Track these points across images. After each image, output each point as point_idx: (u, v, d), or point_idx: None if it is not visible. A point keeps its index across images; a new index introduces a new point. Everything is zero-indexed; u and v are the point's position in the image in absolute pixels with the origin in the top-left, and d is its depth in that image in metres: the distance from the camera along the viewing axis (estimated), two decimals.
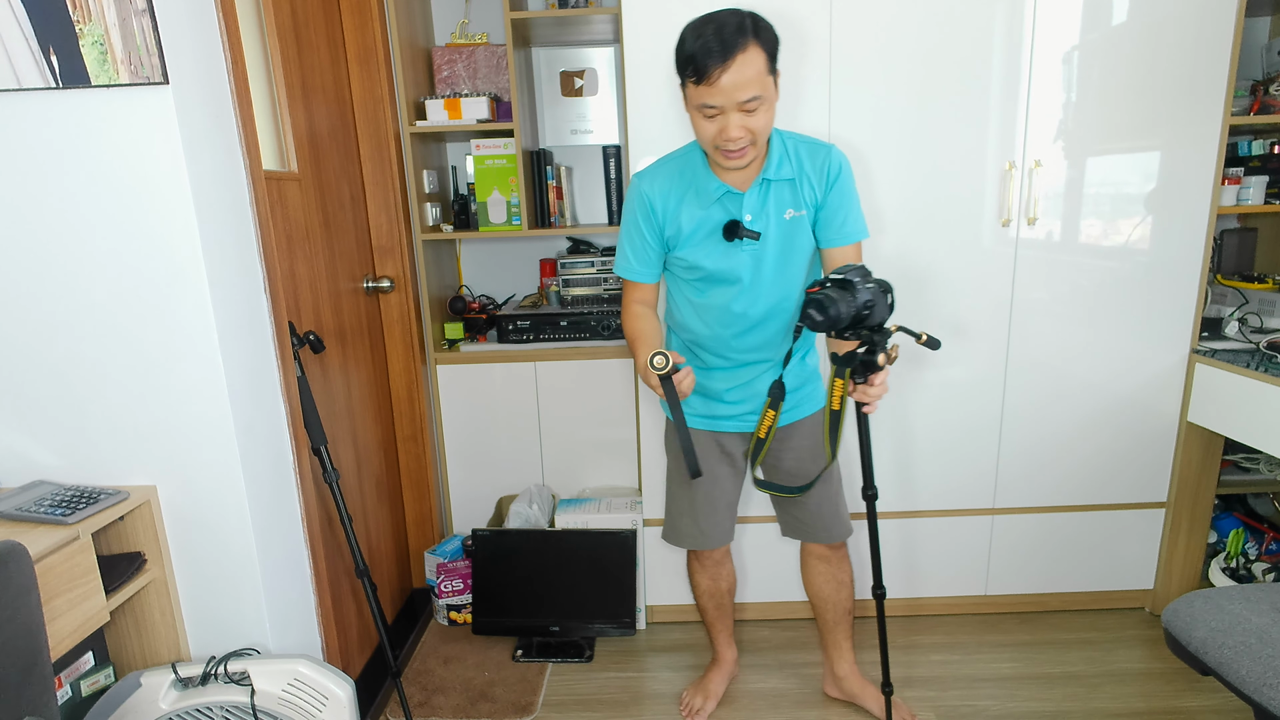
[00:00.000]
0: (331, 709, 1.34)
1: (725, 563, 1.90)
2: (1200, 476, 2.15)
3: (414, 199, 2.27)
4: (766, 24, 1.37)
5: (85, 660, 1.35)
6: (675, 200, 1.54)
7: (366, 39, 2.11)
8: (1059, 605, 2.31)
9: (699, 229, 1.54)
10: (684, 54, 1.37)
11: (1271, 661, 1.20)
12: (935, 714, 1.91)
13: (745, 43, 1.32)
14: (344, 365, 2.03)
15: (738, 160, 1.43)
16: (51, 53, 1.18)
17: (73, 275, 1.27)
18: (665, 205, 1.55)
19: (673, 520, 1.84)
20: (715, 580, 1.90)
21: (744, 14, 1.36)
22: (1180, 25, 1.88)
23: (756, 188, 1.51)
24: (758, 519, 2.21)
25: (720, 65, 1.32)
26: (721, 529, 1.81)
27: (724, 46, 1.32)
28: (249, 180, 1.43)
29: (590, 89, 2.50)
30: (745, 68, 1.33)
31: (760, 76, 1.35)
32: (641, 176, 1.58)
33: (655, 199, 1.55)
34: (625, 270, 1.63)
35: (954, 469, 2.17)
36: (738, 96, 1.34)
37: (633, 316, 1.61)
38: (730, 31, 1.32)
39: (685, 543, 1.82)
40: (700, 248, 1.55)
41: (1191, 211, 1.99)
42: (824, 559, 1.84)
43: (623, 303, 1.66)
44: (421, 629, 2.34)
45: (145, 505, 1.33)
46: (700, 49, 1.33)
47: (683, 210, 1.54)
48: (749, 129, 1.38)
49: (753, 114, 1.37)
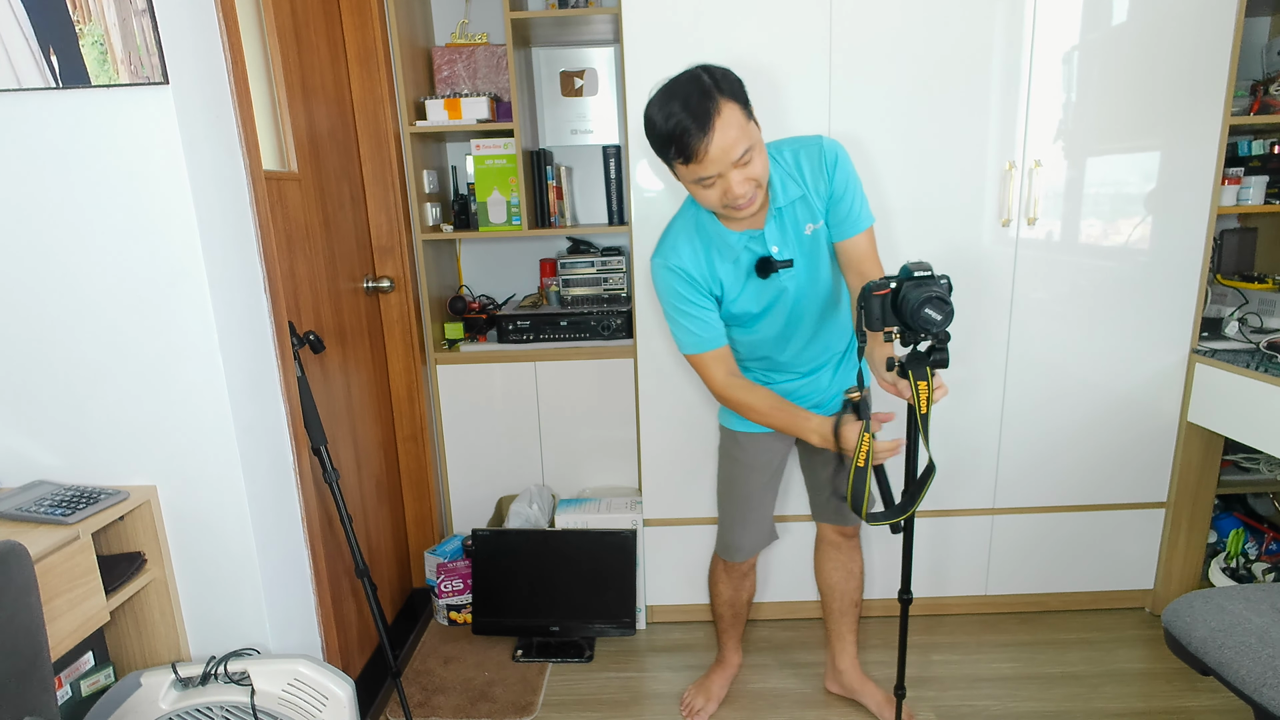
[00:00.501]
0: (331, 709, 1.34)
1: (751, 575, 1.91)
2: (1200, 476, 2.15)
3: (414, 199, 2.27)
4: (724, 72, 1.33)
5: (85, 660, 1.35)
6: (706, 263, 1.50)
7: (366, 39, 2.11)
8: (1059, 605, 2.31)
9: (736, 281, 1.51)
10: (659, 137, 1.32)
11: (1271, 661, 1.20)
12: (935, 714, 1.91)
13: (717, 105, 1.27)
14: (344, 365, 2.03)
15: (749, 210, 1.39)
16: (51, 53, 1.18)
17: (73, 275, 1.27)
18: (701, 271, 1.50)
19: (725, 535, 1.83)
20: (738, 591, 1.91)
21: (698, 75, 1.31)
22: (1180, 25, 1.88)
23: (773, 219, 1.46)
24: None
25: (703, 139, 1.27)
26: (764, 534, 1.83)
27: (698, 118, 1.27)
28: (249, 180, 1.43)
29: (590, 89, 2.50)
30: (727, 129, 1.28)
31: (743, 128, 1.30)
32: (663, 255, 1.51)
33: (690, 269, 1.49)
34: (696, 345, 1.52)
35: (954, 469, 2.17)
36: (730, 158, 1.30)
37: (745, 390, 1.53)
38: (697, 100, 1.27)
39: (738, 556, 1.82)
40: (745, 296, 1.52)
41: (1191, 211, 1.99)
42: (835, 546, 1.85)
43: (713, 385, 1.55)
44: (421, 629, 2.34)
45: (145, 505, 1.33)
46: (675, 128, 1.28)
47: (718, 270, 1.50)
48: (750, 179, 1.34)
49: (749, 164, 1.33)
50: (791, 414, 1.51)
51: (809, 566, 2.27)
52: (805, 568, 2.28)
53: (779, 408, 1.52)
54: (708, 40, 1.91)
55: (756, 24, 1.89)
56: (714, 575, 1.93)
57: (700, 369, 1.56)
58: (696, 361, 1.55)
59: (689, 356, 1.56)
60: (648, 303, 2.10)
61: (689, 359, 1.56)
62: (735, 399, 1.55)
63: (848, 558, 1.86)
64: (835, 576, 1.88)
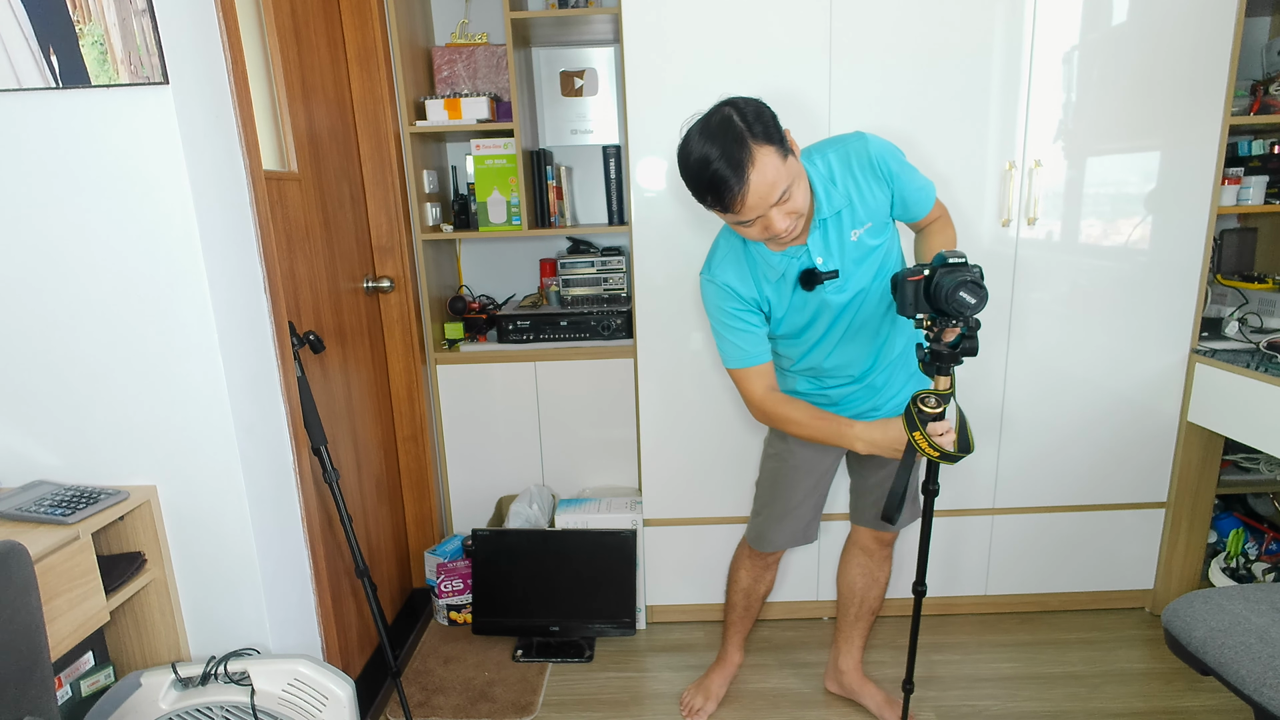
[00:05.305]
0: (331, 709, 1.34)
1: (773, 568, 1.89)
2: (1200, 476, 2.15)
3: (414, 199, 2.27)
4: (756, 110, 1.27)
5: (85, 660, 1.35)
6: (752, 283, 1.48)
7: (366, 39, 2.11)
8: (1059, 605, 2.31)
9: (782, 297, 1.49)
10: (695, 184, 1.29)
11: (1271, 661, 1.20)
12: (935, 714, 1.91)
13: (750, 154, 1.23)
14: (344, 365, 2.03)
15: (792, 238, 1.37)
16: (51, 53, 1.18)
17: (73, 275, 1.27)
18: (748, 289, 1.49)
19: (759, 525, 1.81)
20: (757, 582, 1.89)
21: (730, 118, 1.26)
22: (1180, 25, 1.88)
23: (816, 230, 1.42)
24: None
25: (740, 190, 1.24)
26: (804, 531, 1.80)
27: (734, 169, 1.23)
28: (249, 180, 1.43)
29: (590, 89, 2.50)
30: (764, 176, 1.24)
31: (779, 170, 1.26)
32: (710, 270, 1.50)
33: (737, 286, 1.47)
34: (740, 360, 1.51)
35: (954, 468, 2.17)
36: (768, 202, 1.27)
37: (784, 404, 1.51)
38: (732, 149, 1.23)
39: (767, 547, 1.80)
40: (791, 312, 1.51)
41: (1191, 211, 1.99)
42: (868, 552, 1.83)
43: (751, 400, 1.54)
44: (421, 629, 2.34)
45: (145, 505, 1.33)
46: (710, 181, 1.25)
47: (765, 289, 1.49)
48: (791, 214, 1.31)
49: (789, 200, 1.29)
50: (834, 424, 1.47)
51: (813, 566, 2.28)
52: (808, 568, 2.28)
53: (819, 417, 1.48)
54: (707, 41, 1.91)
55: (756, 24, 1.89)
56: (737, 560, 1.91)
57: (741, 383, 1.55)
58: (738, 376, 1.54)
59: (731, 371, 1.55)
60: (648, 303, 2.10)
61: (731, 373, 1.56)
62: (775, 413, 1.53)
63: (877, 565, 1.84)
64: (859, 582, 1.87)
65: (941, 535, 2.24)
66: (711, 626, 2.30)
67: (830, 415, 1.49)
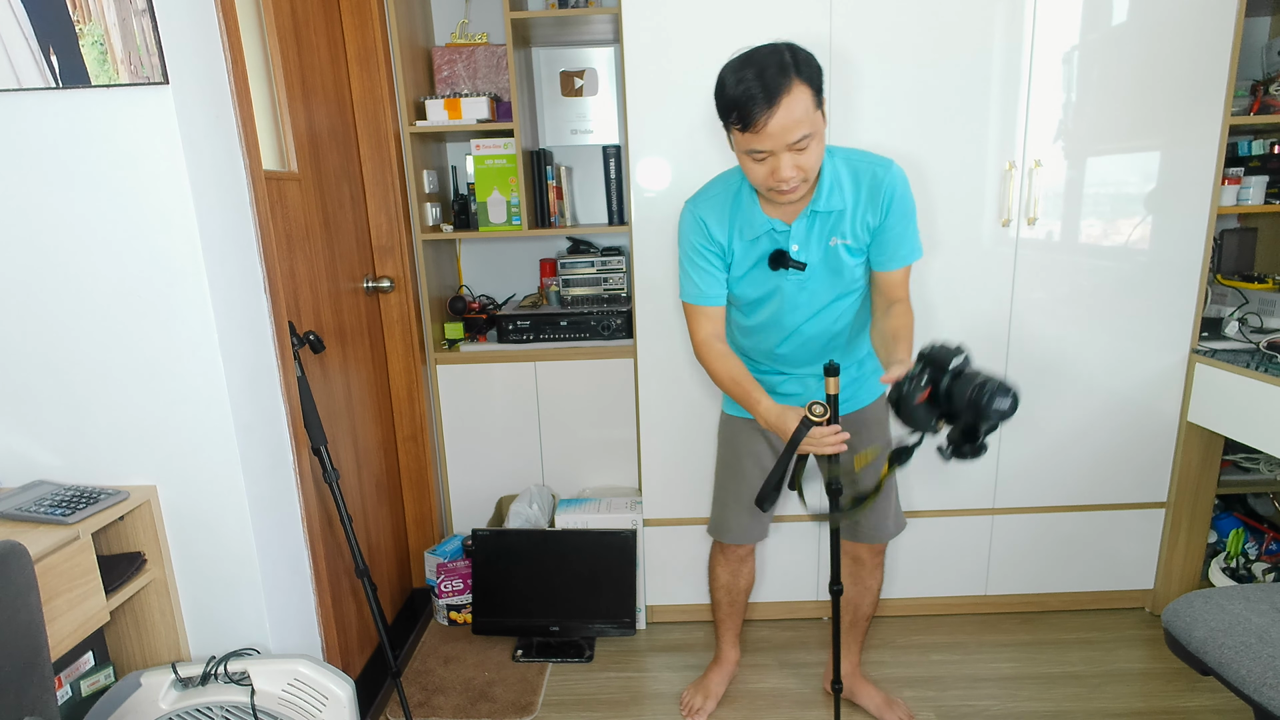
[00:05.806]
0: (331, 709, 1.34)
1: (748, 560, 1.90)
2: (1200, 476, 2.15)
3: (414, 199, 2.27)
4: (807, 55, 1.31)
5: (85, 660, 1.35)
6: (727, 230, 1.51)
7: (366, 39, 2.11)
8: (1059, 605, 2.31)
9: (744, 260, 1.52)
10: (725, 100, 1.32)
11: (1271, 661, 1.20)
12: (935, 714, 1.91)
13: (789, 83, 1.26)
14: (344, 365, 2.03)
15: (790, 197, 1.40)
16: (51, 53, 1.18)
17: (73, 275, 1.27)
18: (720, 233, 1.52)
19: (717, 515, 1.84)
20: (735, 576, 1.90)
21: (782, 50, 1.30)
22: (1180, 25, 1.88)
23: (804, 219, 1.46)
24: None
25: (766, 110, 1.27)
26: (759, 525, 1.82)
27: (768, 90, 1.26)
28: (249, 180, 1.43)
29: (590, 89, 2.50)
30: (792, 108, 1.27)
31: (808, 114, 1.29)
32: (695, 201, 1.55)
33: (711, 224, 1.51)
34: (694, 296, 1.56)
35: (953, 468, 2.17)
36: (787, 139, 1.29)
37: (717, 356, 1.55)
38: (772, 73, 1.26)
39: (727, 537, 1.82)
40: (746, 279, 1.54)
41: (1191, 211, 1.99)
42: (859, 561, 1.84)
43: (695, 339, 1.59)
44: (421, 629, 2.34)
45: (145, 505, 1.33)
46: (743, 95, 1.28)
47: (734, 242, 1.52)
48: (801, 167, 1.34)
49: (804, 151, 1.32)
50: (747, 390, 1.51)
51: (809, 566, 2.28)
52: (805, 568, 2.28)
53: (739, 381, 1.53)
54: (707, 41, 1.91)
55: (756, 24, 1.89)
56: (712, 559, 1.93)
57: (690, 318, 1.60)
58: (690, 311, 1.60)
59: (685, 303, 1.60)
60: (648, 303, 2.10)
61: (684, 306, 1.61)
62: (708, 358, 1.58)
63: (868, 573, 1.85)
64: (852, 590, 1.87)
65: (942, 535, 2.24)
66: (711, 626, 2.30)
67: (750, 382, 1.52)
